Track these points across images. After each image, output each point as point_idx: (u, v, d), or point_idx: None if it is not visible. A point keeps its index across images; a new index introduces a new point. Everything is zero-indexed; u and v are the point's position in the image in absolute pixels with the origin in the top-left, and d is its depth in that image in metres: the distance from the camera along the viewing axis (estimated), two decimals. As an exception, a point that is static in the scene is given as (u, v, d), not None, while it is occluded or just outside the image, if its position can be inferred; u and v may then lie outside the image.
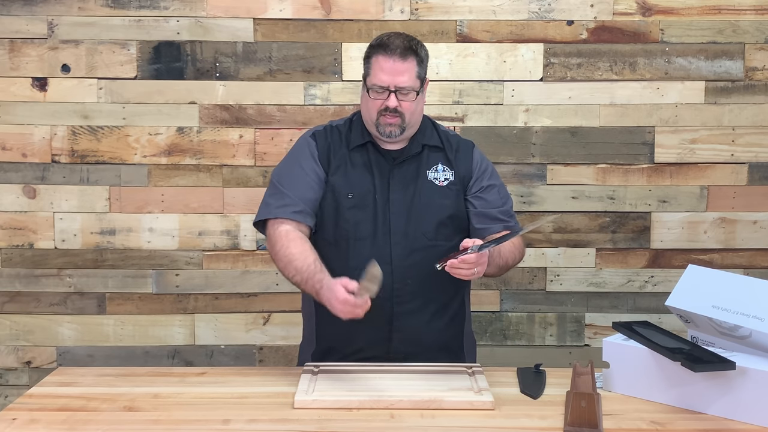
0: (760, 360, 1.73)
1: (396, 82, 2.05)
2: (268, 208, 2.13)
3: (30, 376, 3.06)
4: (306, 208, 2.09)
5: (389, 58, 2.05)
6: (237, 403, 1.80)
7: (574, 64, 3.01)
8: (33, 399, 1.83)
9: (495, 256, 2.06)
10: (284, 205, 2.10)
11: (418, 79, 2.08)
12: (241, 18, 2.99)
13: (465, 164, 2.18)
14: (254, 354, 3.10)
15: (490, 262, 2.03)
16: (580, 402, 1.63)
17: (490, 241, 1.96)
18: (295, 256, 2.00)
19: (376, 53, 2.08)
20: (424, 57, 2.11)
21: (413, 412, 1.74)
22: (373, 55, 2.08)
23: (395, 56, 2.04)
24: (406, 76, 2.05)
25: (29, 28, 2.98)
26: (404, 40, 2.08)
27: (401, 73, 2.05)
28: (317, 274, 1.94)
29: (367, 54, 2.12)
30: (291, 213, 2.08)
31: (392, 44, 2.06)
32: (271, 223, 2.11)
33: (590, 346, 3.09)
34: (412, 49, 2.07)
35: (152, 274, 3.06)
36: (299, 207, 2.09)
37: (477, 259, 1.91)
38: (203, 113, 3.01)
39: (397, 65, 2.04)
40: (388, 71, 2.04)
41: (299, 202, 2.09)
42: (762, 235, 3.06)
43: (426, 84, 2.13)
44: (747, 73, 3.01)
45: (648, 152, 3.04)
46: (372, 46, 2.11)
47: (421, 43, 2.12)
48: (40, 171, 3.02)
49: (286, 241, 2.03)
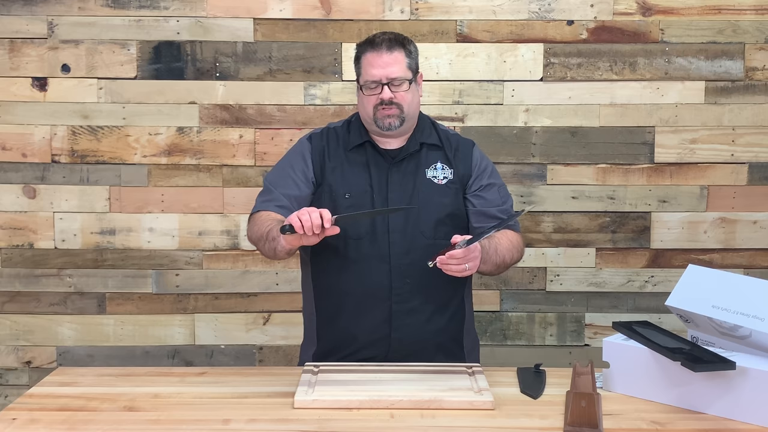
0: (760, 360, 1.73)
1: (387, 74, 2.07)
2: (255, 205, 2.18)
3: (30, 376, 3.06)
4: (289, 204, 2.11)
5: (376, 53, 2.08)
6: (237, 403, 1.80)
7: (574, 64, 3.01)
8: (33, 399, 1.83)
9: (492, 254, 2.05)
10: (268, 200, 2.14)
11: (409, 69, 2.10)
12: (241, 18, 2.99)
13: (464, 163, 2.18)
14: (254, 354, 3.10)
15: (487, 260, 2.02)
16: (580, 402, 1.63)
17: (478, 234, 1.95)
18: (273, 217, 2.06)
19: (364, 51, 2.11)
20: (412, 50, 2.13)
21: (413, 412, 1.74)
22: (362, 54, 2.12)
23: (382, 50, 2.08)
24: (395, 67, 2.08)
25: (29, 28, 2.98)
26: (390, 34, 2.12)
27: (390, 65, 2.07)
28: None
29: (356, 56, 2.15)
30: (273, 207, 2.12)
31: (377, 39, 2.10)
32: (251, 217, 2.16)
33: (590, 346, 3.09)
34: (398, 41, 2.11)
35: (152, 274, 3.06)
36: (282, 202, 2.12)
37: (465, 254, 1.90)
38: (203, 113, 3.01)
39: (385, 58, 2.07)
40: (377, 65, 2.07)
41: (283, 198, 2.12)
42: (762, 235, 3.06)
43: (420, 77, 2.16)
44: (747, 73, 3.01)
45: (648, 152, 3.04)
46: (359, 45, 2.15)
47: (408, 38, 2.15)
48: (40, 171, 3.02)
49: (265, 215, 2.09)
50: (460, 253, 1.90)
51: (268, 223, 2.05)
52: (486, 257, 2.02)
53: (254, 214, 2.16)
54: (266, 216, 2.10)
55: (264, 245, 2.06)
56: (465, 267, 1.92)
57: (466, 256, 1.91)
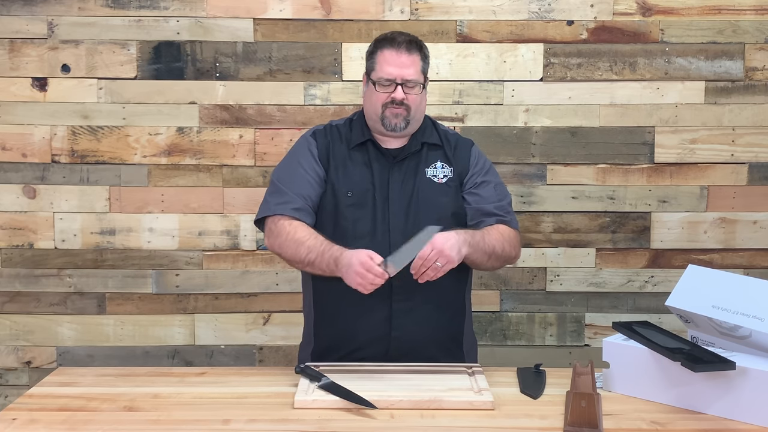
0: (760, 360, 1.73)
1: (403, 74, 2.08)
2: (267, 205, 2.15)
3: (30, 376, 3.06)
4: (305, 206, 2.10)
5: (395, 52, 2.08)
6: (237, 403, 1.80)
7: (574, 64, 3.01)
8: (33, 399, 1.83)
9: (479, 241, 2.05)
10: (283, 203, 2.11)
11: (423, 73, 2.12)
12: (241, 18, 2.99)
13: (463, 161, 2.19)
14: (254, 354, 3.10)
15: (476, 248, 2.03)
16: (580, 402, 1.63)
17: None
18: (305, 237, 2.04)
19: (382, 47, 2.11)
20: (427, 54, 2.16)
21: (413, 412, 1.74)
22: (379, 49, 2.12)
23: (401, 49, 2.09)
24: (412, 69, 2.09)
25: (29, 28, 2.98)
26: (409, 35, 2.14)
27: (408, 66, 2.08)
28: (334, 246, 1.99)
29: (371, 50, 2.15)
30: (290, 210, 2.10)
31: (398, 39, 2.11)
32: (270, 220, 2.13)
33: (590, 346, 3.09)
34: (416, 44, 2.12)
35: (152, 274, 3.06)
36: (298, 204, 2.10)
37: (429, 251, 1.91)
38: (203, 113, 3.01)
39: (404, 58, 2.08)
40: (395, 64, 2.08)
41: (298, 199, 2.10)
42: (762, 235, 3.06)
43: (428, 83, 2.17)
44: (747, 73, 3.01)
45: (648, 152, 3.04)
46: (377, 41, 2.15)
47: (424, 43, 2.17)
48: (40, 171, 3.02)
49: (291, 228, 2.07)
50: (426, 252, 1.91)
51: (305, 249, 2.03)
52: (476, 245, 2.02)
53: (272, 219, 2.12)
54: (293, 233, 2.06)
55: (304, 268, 2.08)
56: (438, 265, 1.93)
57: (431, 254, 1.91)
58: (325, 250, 2.00)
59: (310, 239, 2.04)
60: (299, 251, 2.03)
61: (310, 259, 2.02)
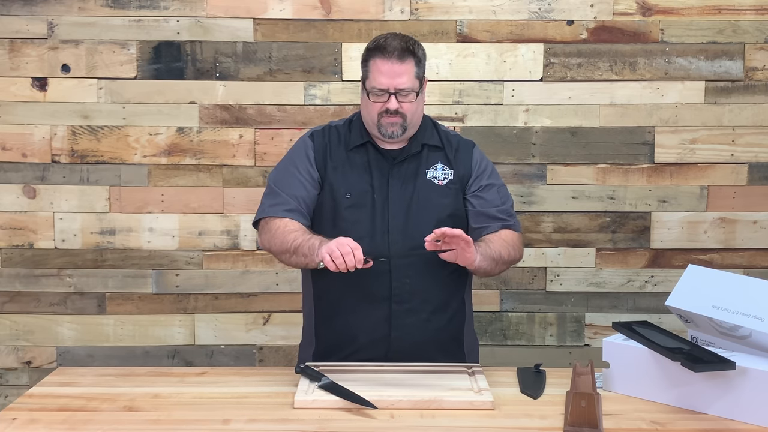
0: (760, 360, 1.73)
1: (395, 84, 2.04)
2: (262, 207, 2.16)
3: (30, 376, 3.06)
4: (298, 207, 2.11)
5: (387, 61, 2.04)
6: (237, 403, 1.80)
7: (574, 64, 3.01)
8: (33, 399, 1.83)
9: (484, 247, 2.05)
10: (276, 204, 2.12)
11: (417, 79, 2.08)
12: (241, 18, 2.99)
13: (464, 163, 2.18)
14: (254, 354, 3.10)
15: (484, 255, 2.03)
16: (580, 402, 1.63)
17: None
18: (294, 228, 2.06)
19: (374, 56, 2.07)
20: (421, 57, 2.10)
21: (413, 412, 1.74)
22: (371, 58, 2.08)
23: (393, 58, 2.04)
24: (404, 77, 2.05)
25: (29, 28, 2.98)
26: (401, 41, 2.07)
27: (400, 75, 2.04)
28: (319, 237, 2.00)
29: (364, 57, 2.11)
30: (283, 211, 2.10)
31: (389, 46, 2.05)
32: (263, 221, 2.15)
33: (590, 346, 3.09)
34: (409, 50, 2.06)
35: (152, 274, 3.06)
36: (291, 205, 2.11)
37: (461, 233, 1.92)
38: (203, 113, 3.01)
39: (395, 67, 2.04)
40: (387, 74, 2.04)
41: (291, 200, 2.11)
42: (762, 235, 3.06)
43: (425, 83, 2.13)
44: (747, 73, 3.01)
45: (648, 152, 3.04)
46: (369, 49, 2.10)
47: (418, 42, 2.12)
48: (40, 171, 3.02)
49: (281, 224, 2.09)
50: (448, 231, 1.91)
51: (292, 236, 2.04)
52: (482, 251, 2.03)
53: (265, 219, 2.14)
54: (283, 227, 2.08)
55: (290, 258, 2.06)
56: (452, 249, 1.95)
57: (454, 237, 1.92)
58: (311, 237, 2.01)
59: (298, 230, 2.05)
60: (286, 239, 2.04)
61: (295, 245, 2.01)
